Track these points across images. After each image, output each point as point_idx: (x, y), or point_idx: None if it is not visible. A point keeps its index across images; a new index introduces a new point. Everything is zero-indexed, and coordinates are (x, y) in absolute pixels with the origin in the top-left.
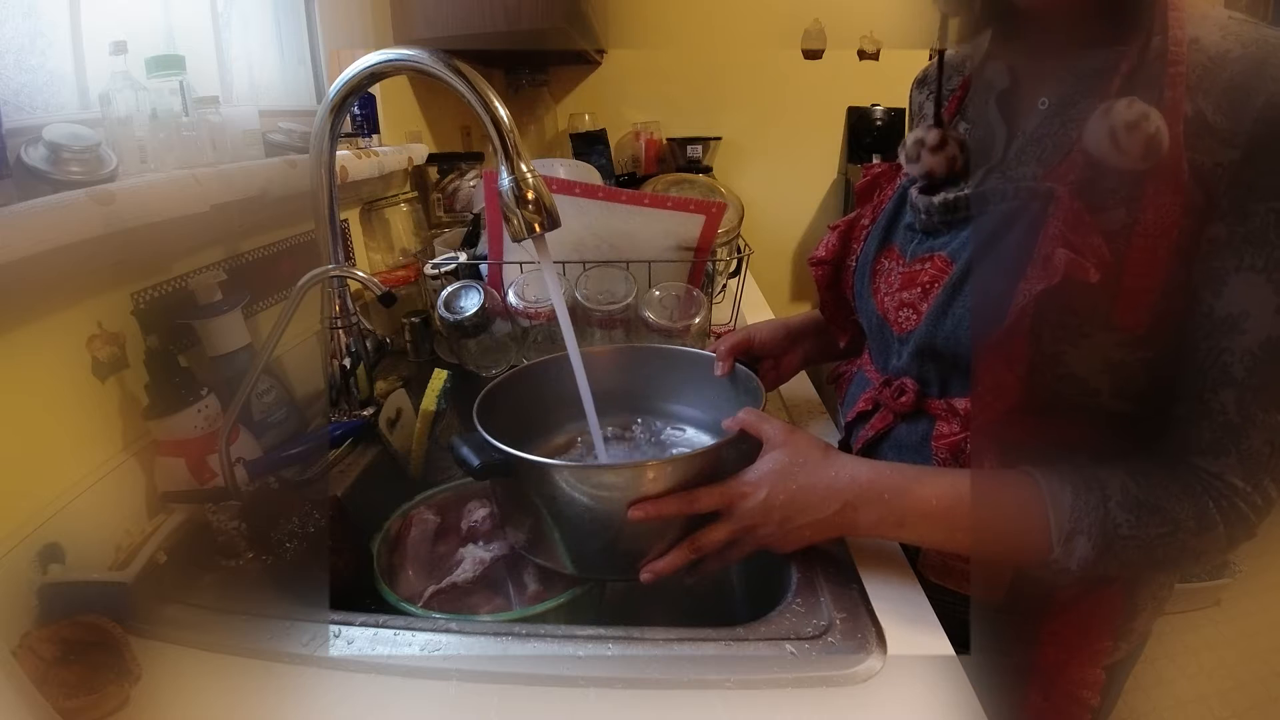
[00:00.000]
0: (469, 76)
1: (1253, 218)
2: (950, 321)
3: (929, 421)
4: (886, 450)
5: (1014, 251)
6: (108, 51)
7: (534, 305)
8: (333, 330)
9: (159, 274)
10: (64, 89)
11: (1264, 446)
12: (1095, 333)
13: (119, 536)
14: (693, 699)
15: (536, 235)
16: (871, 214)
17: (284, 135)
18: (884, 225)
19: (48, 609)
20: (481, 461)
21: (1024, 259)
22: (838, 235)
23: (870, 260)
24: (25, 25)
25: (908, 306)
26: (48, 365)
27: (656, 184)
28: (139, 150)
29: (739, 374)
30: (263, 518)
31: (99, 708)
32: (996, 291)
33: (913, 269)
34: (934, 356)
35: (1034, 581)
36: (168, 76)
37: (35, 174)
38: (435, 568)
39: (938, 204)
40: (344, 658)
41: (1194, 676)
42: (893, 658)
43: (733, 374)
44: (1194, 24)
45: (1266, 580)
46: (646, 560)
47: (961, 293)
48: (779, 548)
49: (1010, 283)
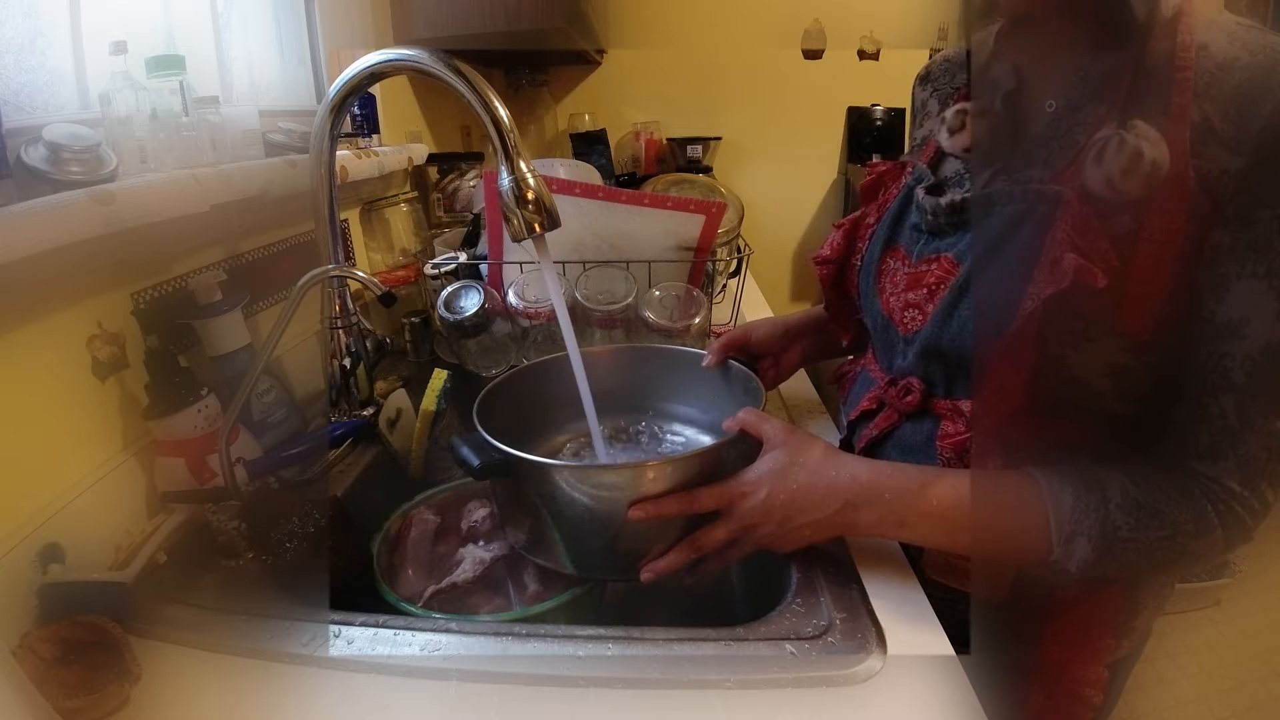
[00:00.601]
0: (469, 76)
1: (1257, 224)
2: (956, 323)
3: (934, 421)
4: (890, 450)
5: (1021, 255)
6: (108, 51)
7: (534, 305)
8: (333, 330)
9: (159, 274)
10: (64, 89)
11: (1261, 451)
12: (1100, 337)
13: (119, 536)
14: (693, 699)
15: (536, 235)
16: (877, 213)
17: (284, 135)
18: (889, 224)
19: (48, 609)
20: (481, 461)
21: (1031, 262)
22: (843, 234)
23: (876, 260)
24: (25, 25)
25: (913, 307)
26: (48, 365)
27: (656, 184)
28: (139, 150)
29: (738, 374)
30: (263, 518)
31: (99, 708)
32: (1002, 294)
33: (918, 270)
34: (939, 357)
35: (1036, 580)
36: (168, 76)
37: (35, 174)
38: (435, 568)
39: (944, 205)
40: (344, 658)
41: (1194, 676)
42: (893, 658)
43: (732, 374)
44: (1202, 30)
45: (1266, 580)
46: (646, 560)
47: (968, 295)
48: (779, 547)
49: (1017, 286)
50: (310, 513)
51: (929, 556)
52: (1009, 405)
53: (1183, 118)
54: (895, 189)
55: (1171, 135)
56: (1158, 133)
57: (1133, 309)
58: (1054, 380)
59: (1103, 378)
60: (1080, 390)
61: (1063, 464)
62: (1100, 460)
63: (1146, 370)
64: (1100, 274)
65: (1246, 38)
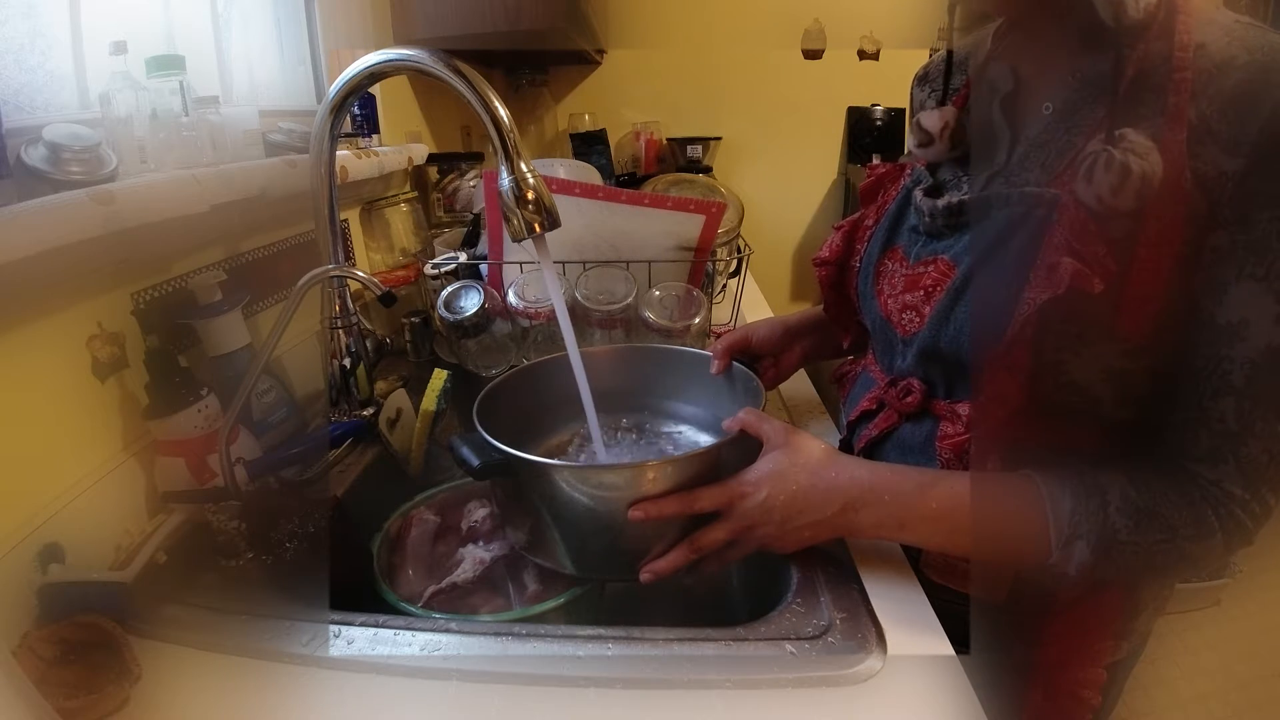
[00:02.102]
0: (469, 76)
1: (1255, 226)
2: (953, 326)
3: (933, 422)
4: (890, 450)
5: (1017, 258)
6: (108, 51)
7: (534, 305)
8: (333, 330)
9: (159, 274)
10: (64, 89)
11: (1262, 455)
12: (1098, 341)
13: (119, 536)
14: (693, 699)
15: (536, 235)
16: (876, 214)
17: (284, 135)
18: (888, 226)
19: (48, 609)
20: (482, 461)
21: (1027, 266)
22: (842, 235)
23: (874, 261)
24: (25, 25)
25: (911, 309)
26: (48, 365)
27: (656, 184)
28: (139, 150)
29: (739, 374)
30: (263, 518)
31: (99, 708)
32: (999, 298)
33: (916, 271)
34: (938, 359)
35: (1035, 582)
36: (168, 76)
37: (35, 174)
38: (435, 568)
39: (942, 207)
40: (344, 658)
41: (1194, 676)
42: (893, 658)
43: (732, 374)
44: (1200, 29)
45: (1266, 580)
46: (646, 560)
47: (965, 297)
48: (779, 548)
49: (1013, 290)
50: (310, 513)
51: (928, 558)
52: (1006, 408)
53: (1179, 119)
54: (894, 190)
55: (1167, 138)
56: (1149, 141)
57: (1130, 313)
58: (1052, 384)
59: (1101, 382)
60: (1079, 394)
61: (1063, 467)
62: (1101, 464)
63: (1145, 374)
64: (1097, 279)
65: (1245, 35)
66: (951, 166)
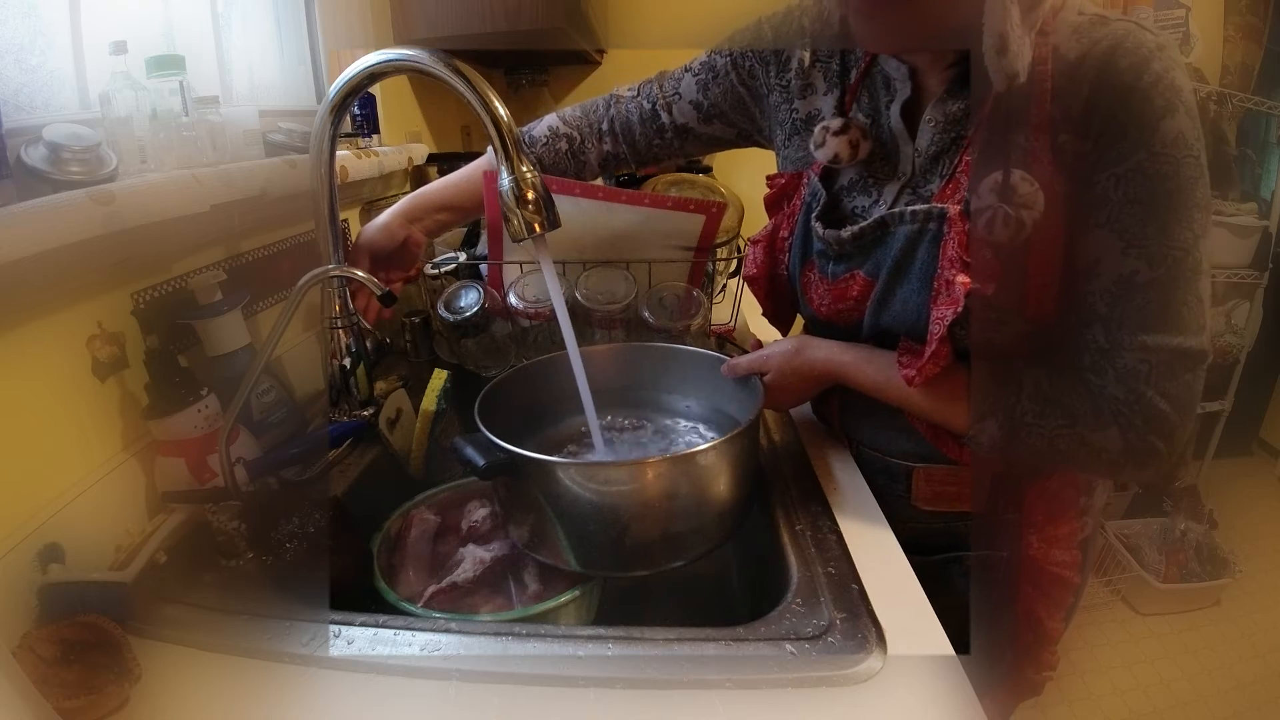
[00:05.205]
0: (469, 76)
1: (1096, 186)
2: (889, 316)
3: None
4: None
5: (921, 274)
6: (108, 51)
7: (534, 305)
8: (333, 330)
9: (159, 274)
10: (64, 89)
11: (1140, 365)
12: (1013, 321)
13: (119, 536)
14: (693, 699)
15: (536, 235)
16: (788, 224)
17: (284, 135)
18: (799, 243)
19: (48, 609)
20: (487, 461)
21: (930, 282)
22: (763, 249)
23: (798, 274)
24: (25, 25)
25: (844, 311)
26: (48, 365)
27: (656, 184)
28: (139, 150)
29: None
30: (263, 518)
31: (99, 708)
32: (912, 315)
33: (838, 286)
34: (886, 334)
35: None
36: (168, 76)
37: (35, 174)
38: (435, 567)
39: (845, 237)
40: (344, 658)
41: (1193, 677)
42: (893, 658)
43: None
44: (1056, 33)
45: (1266, 580)
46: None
47: (890, 303)
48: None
49: (923, 307)
50: (310, 513)
51: (917, 492)
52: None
53: (1044, 128)
54: (799, 199)
55: (1035, 148)
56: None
57: (1035, 299)
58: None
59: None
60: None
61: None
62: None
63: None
64: (988, 284)
65: (1089, 30)
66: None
